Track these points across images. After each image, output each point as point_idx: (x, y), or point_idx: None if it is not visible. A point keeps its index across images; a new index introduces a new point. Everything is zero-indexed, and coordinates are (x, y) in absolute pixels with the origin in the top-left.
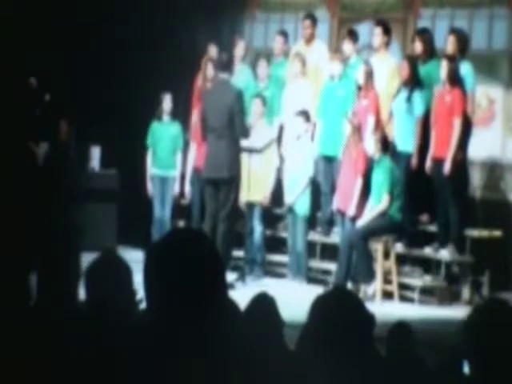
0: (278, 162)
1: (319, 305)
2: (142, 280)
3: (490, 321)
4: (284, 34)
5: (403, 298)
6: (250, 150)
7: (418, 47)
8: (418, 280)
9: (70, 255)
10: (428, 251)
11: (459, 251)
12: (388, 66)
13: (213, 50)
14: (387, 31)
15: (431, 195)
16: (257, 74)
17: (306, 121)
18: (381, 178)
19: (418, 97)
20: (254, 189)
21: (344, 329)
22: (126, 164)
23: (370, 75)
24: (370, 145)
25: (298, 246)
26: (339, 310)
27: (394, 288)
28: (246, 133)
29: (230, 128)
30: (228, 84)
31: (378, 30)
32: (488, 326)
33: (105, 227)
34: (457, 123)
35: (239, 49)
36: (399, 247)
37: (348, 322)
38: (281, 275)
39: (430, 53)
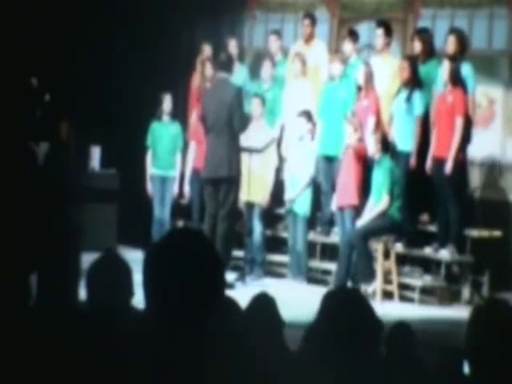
0: (277, 163)
1: (330, 303)
2: (142, 280)
3: (490, 321)
4: (276, 32)
5: (403, 298)
6: (251, 150)
7: (417, 47)
8: (418, 280)
9: (70, 255)
10: (428, 251)
11: (459, 251)
12: (390, 68)
13: (207, 50)
14: (389, 32)
15: (431, 195)
16: (256, 74)
17: (308, 121)
18: (381, 178)
19: (417, 97)
20: (253, 189)
21: (351, 330)
22: (126, 164)
23: (370, 76)
24: (370, 145)
25: (298, 246)
26: (350, 311)
27: (394, 288)
28: (243, 126)
29: (229, 127)
30: (227, 82)
31: (380, 31)
32: (488, 325)
33: (105, 227)
34: (458, 123)
35: (232, 48)
36: (399, 247)
37: (357, 324)
38: (281, 275)
39: (430, 53)
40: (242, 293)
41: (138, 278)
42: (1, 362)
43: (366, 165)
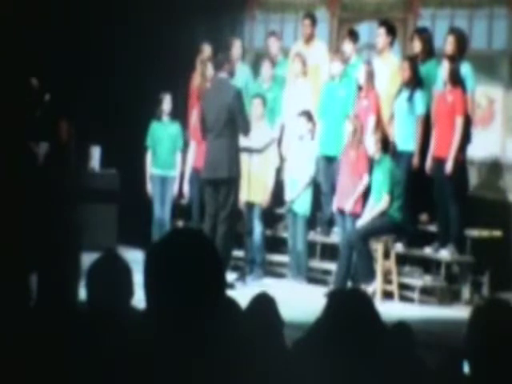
0: (277, 163)
1: (333, 302)
2: (142, 280)
3: (490, 321)
4: (274, 33)
5: (403, 298)
6: (250, 150)
7: (417, 46)
8: (418, 280)
9: (70, 255)
10: (428, 251)
11: (459, 251)
12: (391, 67)
13: (207, 50)
14: (391, 31)
15: (431, 195)
16: (257, 74)
17: (308, 121)
18: (381, 179)
19: (419, 97)
20: (253, 189)
21: (352, 330)
22: (126, 164)
23: (370, 75)
24: (370, 145)
25: (298, 246)
26: (352, 311)
27: (394, 288)
28: (247, 129)
29: (229, 127)
30: (227, 83)
31: (382, 31)
32: (488, 325)
33: (105, 227)
34: (458, 123)
35: (236, 48)
36: (399, 247)
37: (358, 324)
38: (281, 275)
39: (429, 52)
40: (242, 293)
41: (138, 278)
42: (1, 362)
43: (368, 170)
